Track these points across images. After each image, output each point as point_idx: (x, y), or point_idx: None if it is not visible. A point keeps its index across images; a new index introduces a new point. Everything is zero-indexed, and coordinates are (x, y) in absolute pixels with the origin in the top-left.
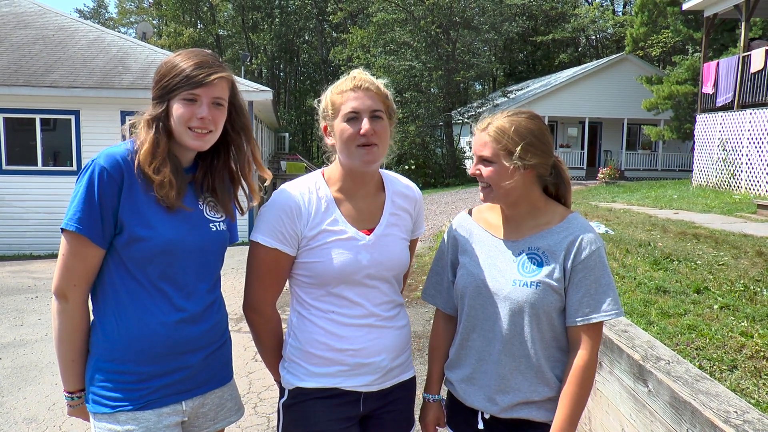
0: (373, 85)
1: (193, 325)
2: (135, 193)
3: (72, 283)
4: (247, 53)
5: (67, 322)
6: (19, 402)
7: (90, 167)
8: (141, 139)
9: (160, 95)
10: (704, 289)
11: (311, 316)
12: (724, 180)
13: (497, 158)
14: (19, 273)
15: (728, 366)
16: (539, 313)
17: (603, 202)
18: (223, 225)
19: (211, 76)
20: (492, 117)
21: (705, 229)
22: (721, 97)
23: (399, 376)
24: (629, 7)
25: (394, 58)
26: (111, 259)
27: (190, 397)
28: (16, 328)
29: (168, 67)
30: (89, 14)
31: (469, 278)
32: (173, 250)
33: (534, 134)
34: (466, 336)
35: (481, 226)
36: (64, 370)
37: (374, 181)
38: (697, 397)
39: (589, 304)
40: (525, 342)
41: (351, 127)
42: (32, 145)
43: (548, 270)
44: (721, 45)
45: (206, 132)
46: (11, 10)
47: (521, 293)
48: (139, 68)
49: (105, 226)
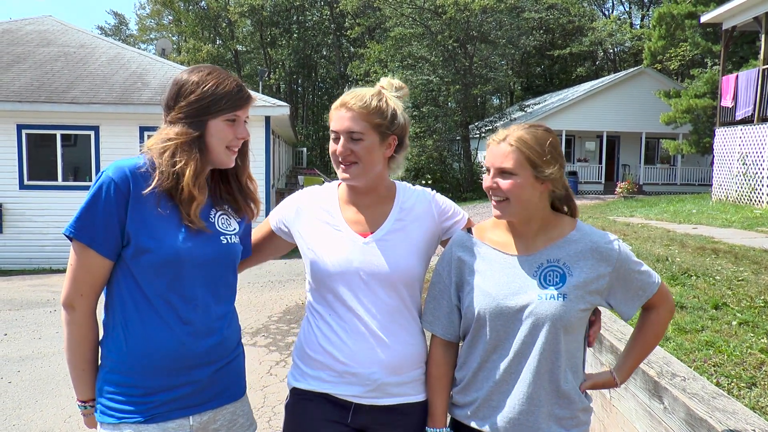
0: (357, 104)
1: (201, 339)
2: (144, 206)
3: (79, 293)
4: (265, 69)
5: (75, 332)
6: (36, 414)
7: (99, 178)
8: (178, 159)
9: (196, 115)
10: (723, 305)
11: (312, 318)
12: (744, 194)
13: (519, 170)
14: (39, 287)
15: (747, 383)
16: (566, 325)
17: (621, 217)
18: (235, 238)
19: (249, 94)
20: (508, 129)
21: (724, 244)
22: (741, 110)
23: (400, 397)
24: (647, 20)
25: (411, 72)
26: (120, 271)
27: (198, 412)
28: (35, 341)
29: (199, 89)
30: (110, 31)
31: (486, 299)
32: (180, 261)
33: (553, 146)
34: (486, 358)
35: (488, 245)
36: (74, 378)
37: (380, 191)
38: (713, 414)
39: (647, 281)
40: (551, 357)
41: (333, 144)
42: (52, 160)
43: (574, 280)
44: (740, 58)
45: (237, 150)
46: (35, 28)
47: (548, 307)
48: (158, 84)
49: (108, 235)
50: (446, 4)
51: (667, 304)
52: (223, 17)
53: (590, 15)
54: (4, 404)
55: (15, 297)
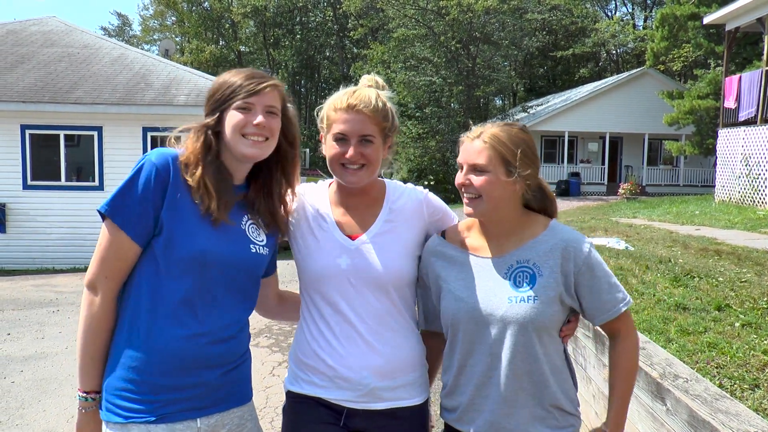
0: (368, 107)
1: (215, 343)
2: (180, 198)
3: (104, 274)
4: (268, 69)
5: (93, 315)
6: (38, 414)
7: (141, 161)
8: (187, 146)
9: (213, 108)
10: (726, 307)
11: (304, 322)
12: (747, 195)
13: (493, 166)
14: (42, 287)
15: (750, 385)
16: (539, 327)
17: (623, 218)
18: (264, 249)
19: (263, 83)
20: (483, 127)
21: (727, 246)
22: (744, 111)
23: (393, 401)
24: (650, 21)
25: (414, 73)
26: (145, 264)
27: (206, 415)
28: (38, 341)
29: (219, 83)
30: (114, 32)
31: (458, 304)
32: (208, 260)
33: (527, 144)
34: (464, 363)
35: (460, 248)
36: (82, 366)
37: (371, 192)
38: (716, 416)
39: (609, 300)
40: (528, 359)
41: (338, 147)
42: (56, 160)
43: (544, 281)
44: (743, 59)
45: (262, 139)
46: (39, 29)
47: (518, 310)
48: (161, 85)
49: (142, 220)
50: (449, 6)
51: (633, 335)
52: (226, 18)
53: (593, 16)
54: (8, 404)
55: (18, 297)
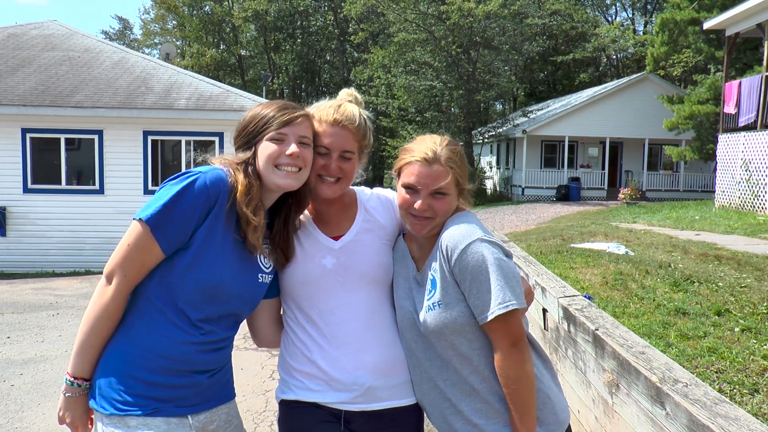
0: (353, 124)
1: (208, 352)
2: (218, 221)
3: (123, 272)
4: (269, 73)
5: (103, 305)
6: (38, 417)
7: (194, 176)
8: (234, 180)
9: (246, 141)
10: (725, 312)
11: (290, 329)
12: (747, 201)
13: (452, 189)
14: (42, 290)
15: (749, 390)
16: (455, 329)
17: (623, 223)
18: (269, 278)
19: (296, 113)
20: (430, 146)
21: (727, 251)
22: (744, 116)
23: (389, 401)
24: (650, 26)
25: (414, 78)
26: (161, 272)
27: (196, 412)
28: (37, 345)
29: (252, 115)
30: (115, 36)
31: (400, 311)
32: (218, 292)
33: (466, 163)
34: (412, 370)
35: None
36: (78, 351)
37: (345, 198)
38: (715, 420)
39: (476, 305)
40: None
41: (320, 159)
42: (56, 164)
43: (440, 284)
44: (743, 64)
45: (296, 170)
46: (40, 33)
47: (431, 318)
48: (162, 88)
49: (178, 235)
50: (450, 10)
51: (501, 351)
52: (227, 22)
53: (593, 21)
54: (7, 407)
55: (18, 300)
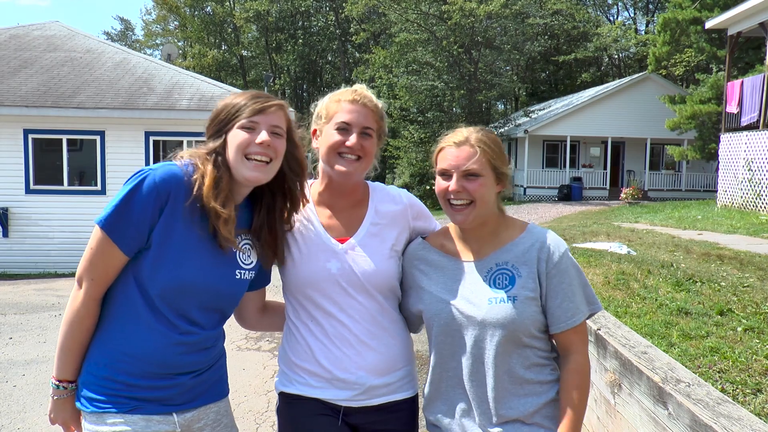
0: (371, 103)
1: (191, 354)
2: (175, 219)
3: (90, 276)
4: (270, 74)
5: (74, 310)
6: (40, 418)
7: (143, 175)
8: (201, 172)
9: (218, 130)
10: (728, 311)
11: (293, 325)
12: (749, 200)
13: (485, 171)
14: (44, 291)
15: (752, 389)
16: (519, 327)
17: (626, 223)
18: (250, 274)
19: (269, 101)
20: (461, 132)
21: (729, 250)
22: (746, 116)
23: (389, 395)
24: (652, 26)
25: (416, 78)
26: (131, 272)
27: (182, 410)
28: (39, 345)
29: (223, 104)
30: (116, 37)
31: (439, 305)
32: (186, 290)
33: (501, 148)
34: (445, 366)
35: (442, 252)
36: (59, 355)
37: (357, 193)
38: (718, 420)
39: (569, 308)
40: (509, 359)
41: (339, 135)
42: (58, 165)
43: (522, 281)
44: (746, 63)
45: (266, 161)
46: (42, 33)
47: (499, 311)
48: (163, 89)
49: (134, 235)
50: (451, 10)
51: (585, 352)
52: (229, 23)
53: (595, 21)
54: (9, 408)
55: (20, 301)
